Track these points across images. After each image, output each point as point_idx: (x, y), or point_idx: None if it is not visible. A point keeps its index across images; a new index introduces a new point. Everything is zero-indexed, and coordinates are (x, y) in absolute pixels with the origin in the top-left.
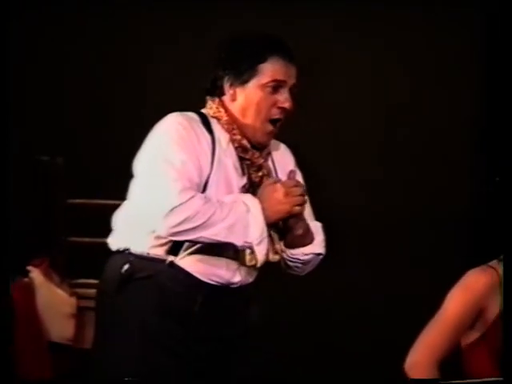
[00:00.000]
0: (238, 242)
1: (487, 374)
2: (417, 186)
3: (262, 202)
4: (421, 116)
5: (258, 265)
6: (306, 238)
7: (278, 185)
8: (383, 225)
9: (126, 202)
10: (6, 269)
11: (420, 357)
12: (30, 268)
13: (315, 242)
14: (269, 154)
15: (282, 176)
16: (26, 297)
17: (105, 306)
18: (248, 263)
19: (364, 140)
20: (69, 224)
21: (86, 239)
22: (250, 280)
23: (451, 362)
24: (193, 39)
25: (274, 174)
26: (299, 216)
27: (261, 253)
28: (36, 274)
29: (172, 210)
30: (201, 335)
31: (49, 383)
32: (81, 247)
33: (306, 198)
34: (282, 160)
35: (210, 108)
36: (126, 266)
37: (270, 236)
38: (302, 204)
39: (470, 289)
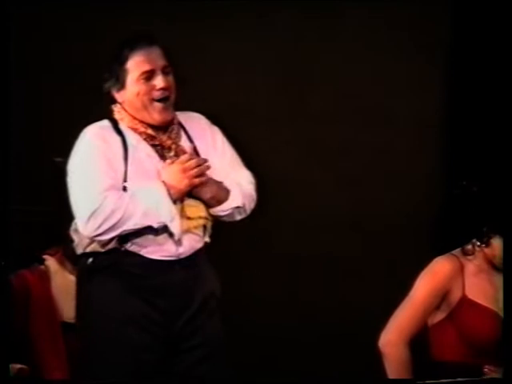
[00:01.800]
0: (154, 224)
1: (452, 350)
2: (389, 186)
3: (166, 183)
4: (390, 120)
5: (177, 237)
6: (219, 197)
7: (174, 164)
8: (360, 221)
9: None
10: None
11: (393, 335)
12: (45, 256)
13: (231, 197)
14: (180, 128)
15: (200, 141)
16: (42, 282)
17: (81, 295)
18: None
19: (343, 144)
20: None
21: None
22: (198, 247)
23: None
24: (200, 39)
25: (186, 148)
26: (202, 183)
27: (175, 228)
28: (51, 262)
29: (89, 216)
30: (163, 307)
31: None
32: None
33: (207, 164)
34: (196, 127)
35: (116, 113)
36: (91, 259)
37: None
38: (199, 175)
39: (437, 274)
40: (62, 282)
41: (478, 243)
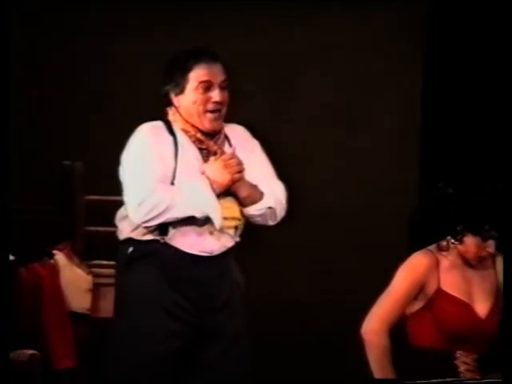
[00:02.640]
0: (197, 214)
1: (427, 336)
2: (371, 187)
3: (209, 177)
4: (371, 123)
5: (218, 227)
6: (254, 197)
7: (217, 161)
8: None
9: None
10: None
11: (374, 323)
12: (55, 252)
13: (265, 198)
14: (226, 138)
15: (241, 151)
16: (52, 275)
17: (120, 281)
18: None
19: (329, 147)
20: (87, 216)
21: (101, 228)
22: (229, 245)
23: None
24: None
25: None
26: (241, 181)
27: (216, 218)
28: (60, 257)
29: (140, 204)
30: (194, 298)
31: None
32: (96, 235)
33: (243, 165)
34: (238, 137)
35: (170, 115)
36: (131, 249)
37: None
38: (239, 171)
39: (415, 268)
40: (70, 275)
41: (453, 240)
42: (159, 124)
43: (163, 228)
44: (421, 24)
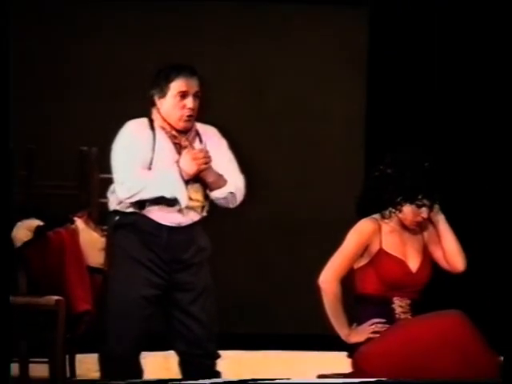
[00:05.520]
0: (167, 195)
1: (371, 286)
2: (326, 168)
3: (180, 166)
4: (326, 117)
5: (183, 206)
6: (219, 183)
7: (188, 153)
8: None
9: None
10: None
11: (329, 275)
12: (75, 218)
13: (228, 184)
14: (197, 136)
15: (211, 146)
16: (73, 237)
17: (109, 241)
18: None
19: (291, 136)
20: (100, 190)
21: None
22: (196, 219)
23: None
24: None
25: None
26: (208, 170)
27: (182, 199)
28: (79, 222)
29: (122, 183)
30: (166, 258)
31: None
32: (108, 205)
33: (210, 157)
34: (209, 134)
35: (153, 114)
36: (117, 217)
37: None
38: (206, 163)
39: (362, 231)
40: (87, 237)
41: (393, 210)
42: (143, 121)
43: (142, 203)
44: (365, 28)
